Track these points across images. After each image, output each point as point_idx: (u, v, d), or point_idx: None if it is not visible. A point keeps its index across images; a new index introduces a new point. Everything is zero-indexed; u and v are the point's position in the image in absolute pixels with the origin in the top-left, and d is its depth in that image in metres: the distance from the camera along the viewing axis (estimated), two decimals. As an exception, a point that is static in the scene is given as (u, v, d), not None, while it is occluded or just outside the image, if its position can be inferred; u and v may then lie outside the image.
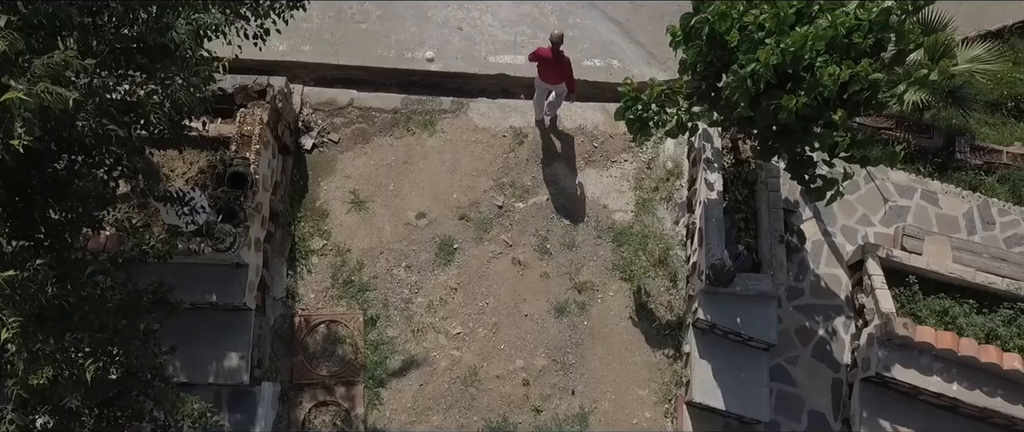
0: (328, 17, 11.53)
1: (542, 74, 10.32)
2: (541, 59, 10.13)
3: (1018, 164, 10.69)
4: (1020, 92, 11.20)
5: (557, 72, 10.18)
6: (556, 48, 9.89)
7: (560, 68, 10.10)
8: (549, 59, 10.02)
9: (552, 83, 10.38)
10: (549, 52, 9.97)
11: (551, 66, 10.10)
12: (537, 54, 10.15)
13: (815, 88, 7.46)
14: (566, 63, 10.04)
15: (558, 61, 9.99)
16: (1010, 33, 11.69)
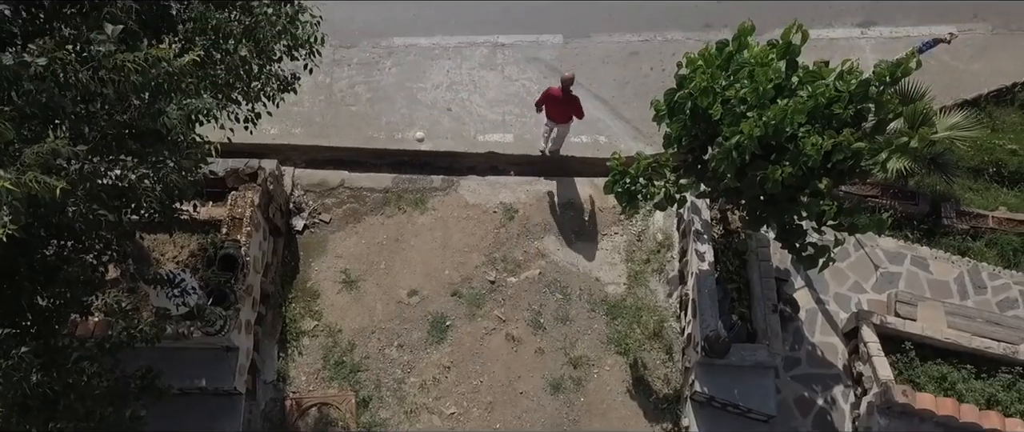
0: (319, 100, 11.74)
1: (550, 113, 10.83)
2: (551, 99, 10.64)
3: (1004, 228, 10.77)
4: (1000, 158, 11.38)
5: (565, 110, 10.68)
6: (566, 88, 10.42)
7: (569, 106, 10.61)
8: (559, 99, 10.55)
9: (558, 121, 10.89)
10: (560, 92, 10.50)
11: (560, 105, 10.61)
12: (548, 94, 10.65)
13: (799, 158, 7.56)
14: (575, 100, 10.59)
15: (568, 100, 10.53)
16: (986, 101, 11.96)
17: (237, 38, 6.32)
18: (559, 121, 10.88)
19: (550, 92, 10.60)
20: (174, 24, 6.04)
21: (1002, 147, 11.43)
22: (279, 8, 6.26)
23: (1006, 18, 12.91)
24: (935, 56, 11.63)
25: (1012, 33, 12.79)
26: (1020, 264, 10.61)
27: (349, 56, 12.15)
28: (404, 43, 12.33)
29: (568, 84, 10.39)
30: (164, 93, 5.45)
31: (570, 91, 10.44)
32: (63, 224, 5.67)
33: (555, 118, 10.85)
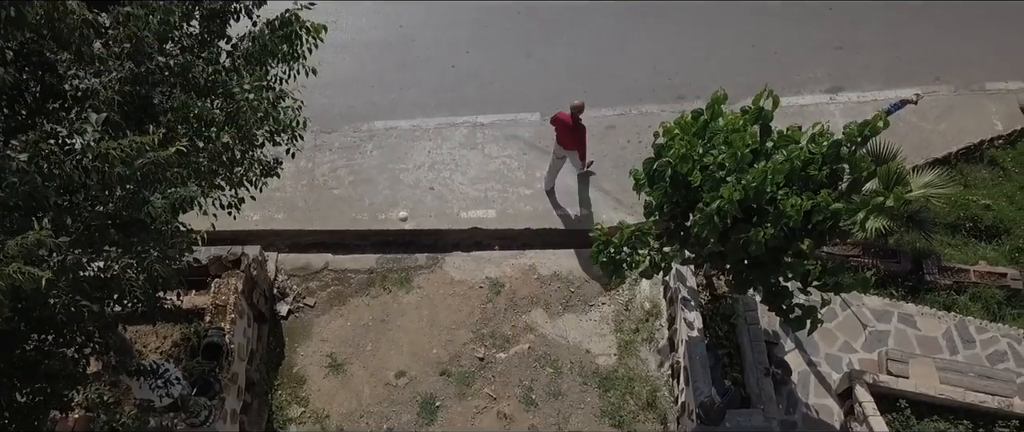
0: (301, 185, 11.79)
1: (559, 138, 11.13)
2: (560, 123, 10.96)
3: (986, 282, 10.87)
4: (975, 213, 11.58)
5: (573, 137, 10.96)
6: (575, 115, 10.74)
7: (576, 133, 10.89)
8: (568, 124, 10.82)
9: (567, 148, 11.15)
10: (569, 118, 10.77)
11: (568, 131, 10.89)
12: (557, 118, 10.99)
13: (780, 220, 7.66)
14: (582, 130, 10.88)
15: (575, 127, 10.80)
16: (956, 159, 12.25)
17: (219, 125, 6.39)
18: (567, 147, 11.18)
19: (560, 116, 10.97)
20: (156, 114, 6.11)
21: (976, 203, 11.64)
22: (261, 94, 6.36)
23: (966, 79, 13.35)
24: (903, 117, 11.97)
25: (973, 93, 13.21)
26: (1005, 316, 10.67)
27: (330, 141, 12.29)
28: (385, 126, 12.50)
29: (577, 112, 10.73)
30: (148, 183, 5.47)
31: (579, 120, 10.77)
32: (45, 317, 5.59)
33: (563, 144, 11.17)
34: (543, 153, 12.21)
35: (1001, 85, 13.32)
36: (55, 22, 5.30)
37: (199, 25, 6.83)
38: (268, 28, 6.52)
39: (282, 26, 6.50)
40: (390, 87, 12.84)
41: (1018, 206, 11.72)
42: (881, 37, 13.75)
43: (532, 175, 11.99)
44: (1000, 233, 11.49)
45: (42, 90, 5.93)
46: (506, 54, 13.27)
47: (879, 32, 13.80)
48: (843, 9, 14.05)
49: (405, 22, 13.55)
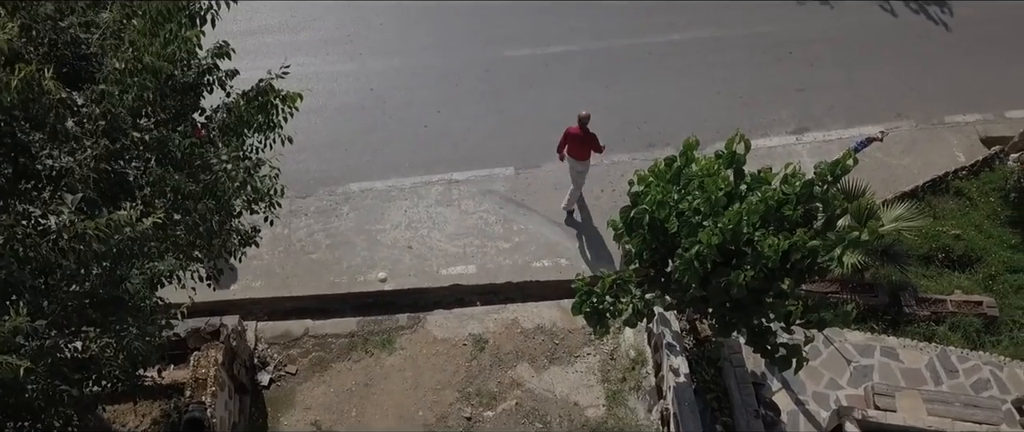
0: (278, 252, 11.71)
1: (572, 152, 11.57)
2: (571, 137, 11.45)
3: (964, 311, 11.01)
4: (947, 244, 11.78)
5: (585, 147, 11.46)
6: (584, 126, 11.25)
7: (587, 143, 11.39)
8: (578, 136, 11.35)
9: (581, 159, 11.59)
10: (578, 130, 11.30)
11: (580, 142, 11.41)
12: (568, 133, 11.45)
13: (759, 260, 7.73)
14: (593, 137, 11.36)
15: (586, 137, 11.31)
16: (923, 192, 12.50)
17: (196, 198, 6.36)
18: (580, 158, 11.59)
19: (569, 132, 11.42)
20: (133, 190, 6.06)
21: (946, 233, 11.86)
22: (238, 164, 6.35)
23: (926, 114, 13.73)
24: (869, 154, 12.25)
25: (934, 127, 13.58)
26: (985, 344, 10.79)
27: (306, 205, 12.26)
28: (360, 188, 12.51)
29: (585, 122, 11.21)
30: (126, 259, 5.40)
31: (587, 128, 11.23)
32: (21, 404, 5.43)
33: (576, 156, 11.58)
34: (519, 206, 12.28)
35: (959, 118, 13.72)
36: (30, 103, 5.27)
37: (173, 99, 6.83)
38: (243, 99, 6.55)
39: (257, 96, 6.53)
40: (364, 149, 12.90)
41: (987, 234, 11.95)
42: (840, 78, 14.13)
43: (510, 229, 12.03)
44: (972, 262, 11.69)
45: (15, 171, 5.87)
46: (477, 111, 13.43)
47: (838, 73, 14.19)
48: (802, 53, 14.45)
49: (376, 86, 13.68)
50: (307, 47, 14.04)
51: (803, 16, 15.04)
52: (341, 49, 14.13)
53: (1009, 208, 12.14)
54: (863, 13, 15.17)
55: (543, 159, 12.83)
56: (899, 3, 15.37)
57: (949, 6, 15.35)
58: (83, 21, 6.37)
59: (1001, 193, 12.29)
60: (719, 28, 14.72)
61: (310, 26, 14.46)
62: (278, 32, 14.27)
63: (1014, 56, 14.57)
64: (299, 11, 14.64)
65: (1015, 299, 11.25)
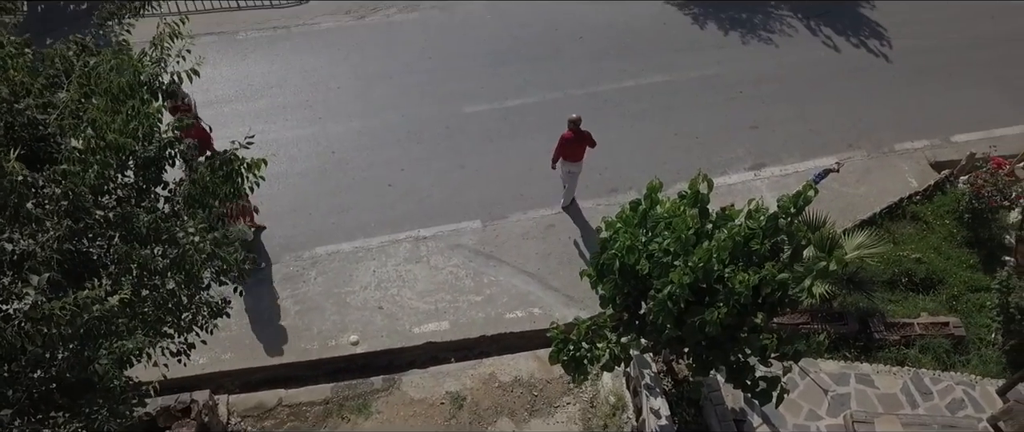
0: (246, 322, 11.49)
1: (566, 155, 12.15)
2: (565, 142, 12.00)
3: (931, 332, 11.20)
4: (909, 268, 12.03)
5: (580, 148, 12.09)
6: (576, 127, 11.86)
7: (582, 142, 12.03)
8: (572, 139, 11.95)
9: (575, 160, 12.21)
10: (571, 133, 11.89)
11: (574, 144, 12.01)
12: (562, 140, 11.98)
13: (731, 297, 7.82)
14: (587, 135, 12.02)
15: (579, 137, 11.94)
16: (881, 218, 12.81)
17: (163, 273, 6.25)
18: (576, 160, 12.22)
19: (564, 138, 11.98)
20: (97, 268, 5.94)
21: (907, 258, 12.12)
22: (206, 236, 6.27)
23: (876, 143, 14.17)
24: (827, 185, 12.54)
25: (885, 155, 14.00)
26: (956, 364, 10.97)
27: (272, 273, 12.09)
28: (327, 251, 12.40)
29: (577, 124, 11.83)
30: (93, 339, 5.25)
31: (580, 129, 11.85)
32: (-13, 499, 5.20)
33: (571, 158, 12.19)
34: (488, 258, 12.28)
35: (908, 145, 14.18)
36: (-10, 187, 5.17)
37: (135, 174, 6.76)
38: (208, 169, 6.50)
39: (222, 166, 6.49)
40: (329, 212, 12.83)
41: (946, 256, 12.25)
42: (791, 113, 14.54)
43: (480, 282, 12.00)
44: (935, 284, 11.94)
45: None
46: (441, 167, 13.49)
47: (789, 109, 14.61)
48: (752, 92, 14.87)
49: (337, 148, 13.70)
50: (266, 115, 14.05)
51: (750, 57, 15.51)
52: (300, 114, 14.16)
53: (964, 229, 12.48)
54: (807, 51, 15.70)
55: (509, 210, 12.90)
56: (840, 39, 15.95)
57: (887, 39, 15.99)
58: (40, 103, 6.31)
59: (955, 215, 12.64)
60: (670, 73, 15.09)
61: (267, 94, 14.49)
62: (235, 101, 14.27)
63: (953, 83, 15.18)
64: (255, 80, 14.68)
65: (979, 318, 11.50)
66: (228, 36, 15.46)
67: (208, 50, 14.38)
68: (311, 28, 15.71)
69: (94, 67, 6.40)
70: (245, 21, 15.79)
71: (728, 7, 16.37)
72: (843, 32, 16.07)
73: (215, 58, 14.58)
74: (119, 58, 6.49)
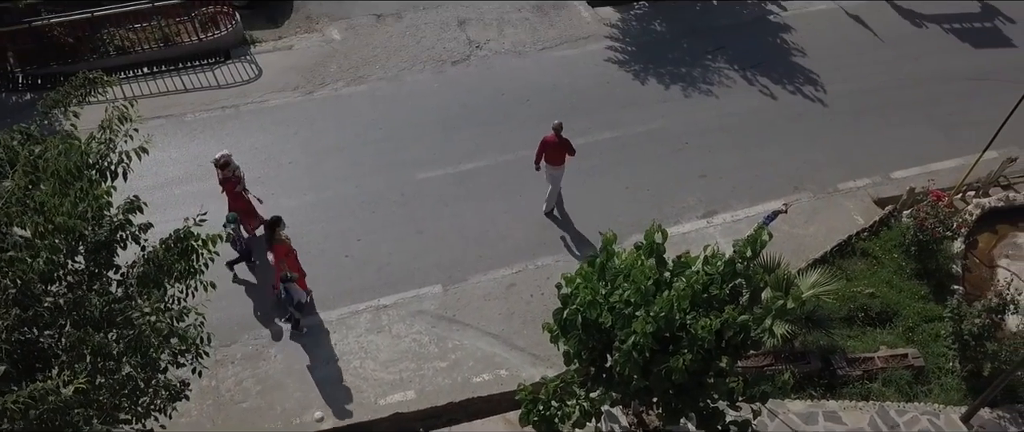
0: (206, 405, 11.15)
1: (549, 158, 12.99)
2: (548, 145, 12.87)
3: (892, 365, 11.40)
4: (864, 303, 12.29)
5: (560, 152, 12.92)
6: (558, 133, 12.76)
7: (563, 147, 12.90)
8: (554, 143, 12.82)
9: (557, 165, 13.02)
10: (554, 137, 12.77)
11: (556, 148, 12.87)
12: (544, 142, 12.88)
13: (695, 343, 7.88)
14: (567, 142, 12.92)
15: (561, 142, 12.83)
16: (833, 256, 13.12)
17: (118, 357, 6.08)
18: (557, 164, 13.02)
19: (546, 140, 12.85)
20: (49, 357, 5.76)
21: (861, 293, 12.39)
22: (162, 315, 6.14)
23: (820, 184, 14.61)
24: (777, 227, 12.82)
25: (830, 195, 14.42)
26: (918, 395, 11.15)
27: (231, 353, 11.81)
28: (286, 327, 12.17)
29: (560, 130, 12.76)
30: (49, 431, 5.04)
31: (562, 134, 12.75)
32: None
33: (552, 161, 13.00)
34: (451, 323, 12.19)
35: (851, 184, 14.64)
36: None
37: (85, 259, 6.62)
38: (162, 247, 6.41)
39: (177, 243, 6.41)
40: (286, 287, 12.63)
41: (898, 289, 12.55)
42: (737, 161, 14.94)
43: (445, 347, 11.88)
44: (890, 317, 12.20)
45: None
46: (397, 235, 13.46)
47: (734, 156, 15.00)
48: (698, 142, 15.26)
49: (291, 222, 13.48)
50: (217, 194, 13.86)
51: (692, 109, 15.97)
52: (252, 191, 14.03)
53: (912, 261, 12.84)
54: (746, 100, 16.24)
55: (469, 273, 12.88)
56: (777, 87, 16.55)
57: (821, 85, 16.63)
58: (-16, 193, 6.19)
59: (902, 248, 13.00)
60: (617, 129, 15.42)
61: (218, 172, 14.36)
62: (186, 182, 14.11)
63: (886, 122, 15.80)
64: (205, 159, 14.53)
65: (936, 346, 11.75)
66: (176, 118, 15.38)
67: (156, 133, 14.30)
68: (260, 106, 15.73)
69: (40, 154, 6.32)
70: (193, 103, 15.75)
71: (667, 63, 16.91)
72: (779, 81, 16.68)
73: (163, 141, 14.47)
74: (66, 143, 6.43)
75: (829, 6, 18.85)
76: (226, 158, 12.29)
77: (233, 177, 12.43)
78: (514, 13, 18.20)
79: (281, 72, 16.53)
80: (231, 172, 12.38)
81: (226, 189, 12.48)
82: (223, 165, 12.25)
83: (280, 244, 11.45)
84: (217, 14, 16.99)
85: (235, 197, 12.54)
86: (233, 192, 12.52)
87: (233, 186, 12.47)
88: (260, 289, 12.59)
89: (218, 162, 12.25)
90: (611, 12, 18.47)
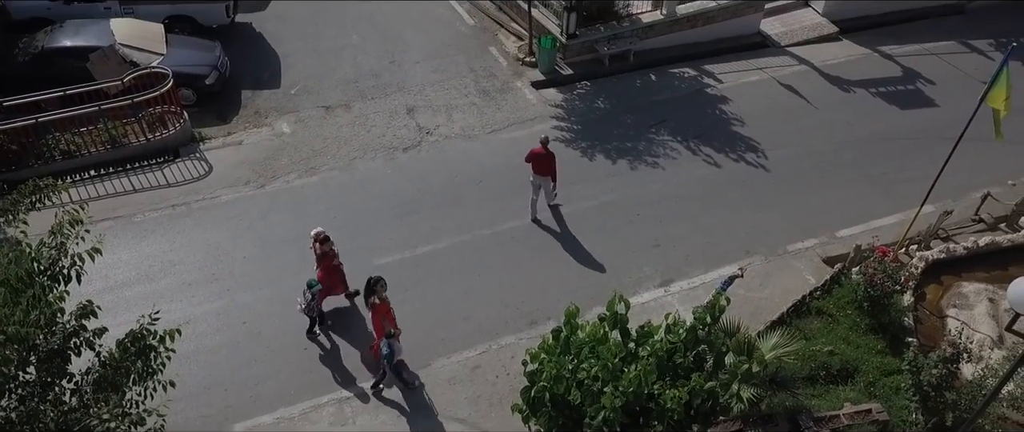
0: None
1: (536, 168, 14.46)
2: (536, 156, 14.32)
3: (857, 421, 11.47)
4: (824, 361, 12.45)
5: (547, 164, 14.38)
6: (545, 146, 14.31)
7: (548, 161, 14.37)
8: (542, 155, 14.29)
9: (543, 175, 14.49)
10: (542, 148, 14.27)
11: (542, 159, 14.32)
12: (533, 153, 14.37)
13: (665, 414, 7.89)
14: (552, 157, 14.45)
15: (548, 155, 14.35)
16: (789, 317, 13.33)
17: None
18: (544, 174, 14.52)
19: (534, 152, 14.35)
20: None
21: (821, 352, 12.55)
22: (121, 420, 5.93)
23: (771, 247, 14.98)
24: (733, 292, 12.95)
25: (781, 256, 14.79)
26: (886, 449, 11.21)
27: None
28: (245, 427, 11.80)
29: (546, 143, 14.40)
30: None
31: (548, 148, 14.33)
32: None
33: (540, 172, 14.49)
34: (417, 410, 11.98)
35: (800, 244, 15.05)
36: None
37: (37, 370, 6.40)
38: (119, 348, 6.24)
39: (133, 343, 6.25)
40: (245, 385, 12.30)
41: (855, 345, 12.78)
42: (688, 228, 15.26)
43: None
44: (851, 373, 12.37)
45: None
46: (357, 323, 13.29)
47: (685, 225, 15.34)
48: (649, 213, 15.57)
49: (248, 319, 13.33)
50: (170, 293, 13.61)
51: (640, 181, 16.35)
52: (206, 289, 13.80)
53: (866, 317, 13.11)
54: (692, 169, 16.71)
55: (432, 356, 12.74)
56: (720, 155, 17.09)
57: (762, 151, 17.23)
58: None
59: (855, 305, 13.29)
60: (570, 204, 15.67)
61: (170, 271, 14.10)
62: (138, 283, 13.80)
63: (827, 183, 16.40)
64: (156, 259, 14.31)
65: (898, 399, 11.91)
66: (125, 219, 15.14)
67: (106, 235, 13.97)
68: (212, 202, 15.60)
69: (-12, 264, 6.17)
70: (142, 203, 15.55)
71: (612, 138, 17.37)
72: (721, 149, 17.24)
73: (113, 242, 14.17)
74: (16, 251, 6.31)
75: (762, 76, 19.74)
76: (326, 234, 12.81)
77: (331, 251, 12.84)
78: (461, 99, 18.60)
79: (232, 167, 16.49)
80: (330, 247, 12.81)
81: (323, 263, 12.85)
82: (323, 240, 12.75)
83: (383, 303, 11.93)
84: (165, 113, 16.97)
85: (331, 270, 13.00)
86: (331, 265, 12.96)
87: (331, 260, 12.88)
88: (216, 391, 12.22)
89: (318, 237, 12.80)
90: (555, 93, 19.02)
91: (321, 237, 12.87)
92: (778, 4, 21.93)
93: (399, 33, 20.85)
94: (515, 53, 20.20)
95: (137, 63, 17.24)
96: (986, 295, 13.77)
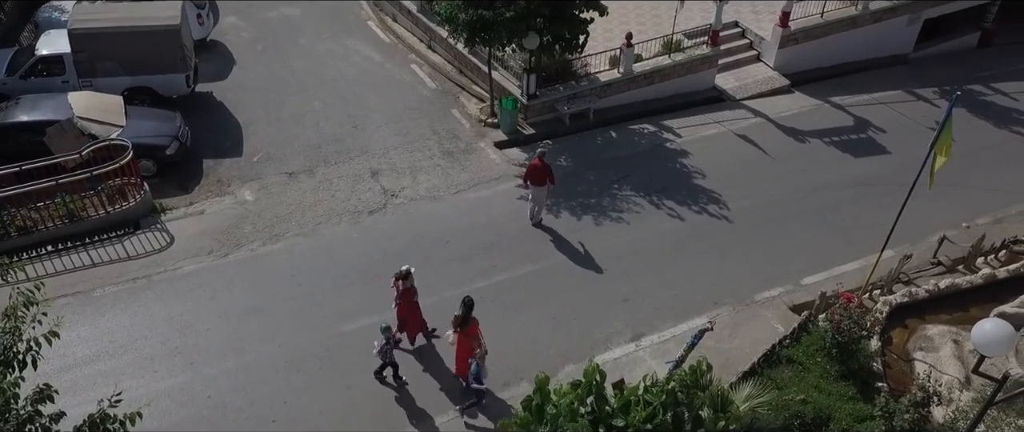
0: None
1: (534, 180, 15.78)
2: (534, 169, 15.70)
3: (834, 470, 11.48)
4: (798, 410, 12.43)
5: (543, 174, 15.67)
6: (542, 159, 15.67)
7: (546, 171, 15.71)
8: (539, 167, 15.63)
9: (541, 185, 15.83)
10: (539, 160, 15.62)
11: (541, 171, 15.66)
12: (531, 167, 15.79)
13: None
14: (548, 167, 15.84)
15: (544, 166, 15.69)
16: (760, 367, 13.37)
17: None
18: (540, 185, 15.80)
19: (533, 164, 15.73)
20: None
21: (793, 401, 12.57)
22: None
23: (738, 297, 15.10)
24: (704, 344, 13.04)
25: (748, 307, 14.90)
26: (864, 497, 11.17)
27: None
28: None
29: (543, 156, 15.67)
30: None
31: (544, 160, 15.64)
32: None
33: (537, 183, 15.78)
34: (390, 482, 11.67)
35: (766, 294, 15.20)
36: None
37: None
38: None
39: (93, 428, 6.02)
40: (208, 464, 11.91)
41: (827, 393, 12.83)
42: (655, 282, 15.33)
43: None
44: (825, 421, 12.37)
45: None
46: (326, 393, 13.00)
47: (652, 278, 15.41)
48: (616, 267, 15.63)
49: (213, 392, 12.97)
50: (132, 370, 13.21)
51: (605, 236, 16.45)
52: (169, 363, 13.43)
53: (835, 363, 13.21)
54: (655, 223, 16.88)
55: (403, 426, 12.46)
56: (683, 208, 17.31)
57: (724, 202, 17.50)
58: None
59: (824, 352, 13.40)
60: (536, 261, 15.69)
61: (131, 348, 13.71)
62: (97, 361, 13.38)
63: (789, 232, 16.67)
64: (117, 335, 13.92)
65: (873, 446, 11.94)
66: (83, 295, 14.75)
67: (63, 312, 13.61)
68: (173, 273, 15.31)
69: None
70: (101, 277, 15.19)
71: (576, 195, 17.50)
72: (684, 202, 17.47)
73: (71, 319, 13.75)
74: (-31, 336, 6.10)
75: (719, 129, 20.18)
76: (409, 269, 12.91)
77: (412, 287, 12.80)
78: (426, 161, 18.68)
79: (194, 237, 16.25)
80: (411, 282, 12.77)
81: (403, 301, 12.97)
82: (404, 276, 12.68)
83: (476, 323, 12.20)
84: (125, 185, 16.73)
85: (411, 308, 13.13)
86: (410, 302, 13.06)
87: (411, 296, 13.01)
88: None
89: (401, 274, 12.71)
90: (518, 152, 19.20)
91: (403, 274, 12.82)
92: (731, 59, 22.57)
93: (361, 98, 20.97)
94: (477, 115, 20.42)
95: (96, 136, 17.04)
96: (950, 337, 13.98)
